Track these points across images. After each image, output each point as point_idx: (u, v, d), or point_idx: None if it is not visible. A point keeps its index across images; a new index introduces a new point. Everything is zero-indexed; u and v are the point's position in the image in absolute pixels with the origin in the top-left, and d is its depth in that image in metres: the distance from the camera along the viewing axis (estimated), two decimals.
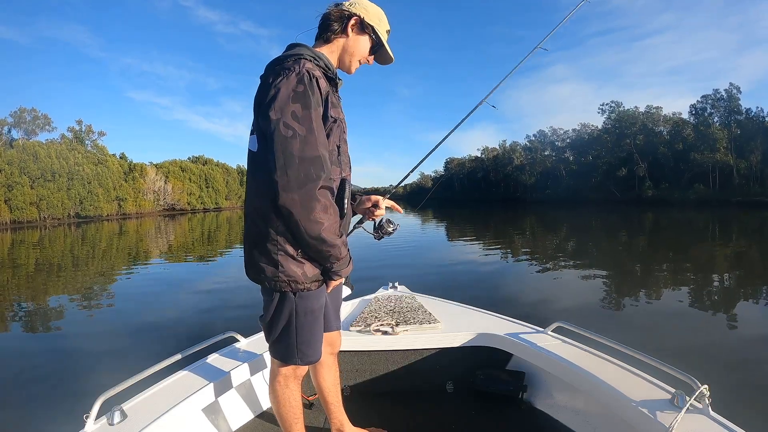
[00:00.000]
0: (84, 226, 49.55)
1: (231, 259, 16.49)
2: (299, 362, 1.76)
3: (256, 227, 1.65)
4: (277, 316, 1.71)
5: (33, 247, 25.07)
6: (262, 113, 1.54)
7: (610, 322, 6.79)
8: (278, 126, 1.49)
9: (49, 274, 14.38)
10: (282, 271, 1.62)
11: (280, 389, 1.85)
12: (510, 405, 2.53)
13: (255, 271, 1.68)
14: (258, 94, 1.62)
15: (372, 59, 1.91)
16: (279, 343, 1.76)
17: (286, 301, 1.68)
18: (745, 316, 6.95)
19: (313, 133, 1.53)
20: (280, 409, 1.89)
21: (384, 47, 1.87)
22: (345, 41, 1.81)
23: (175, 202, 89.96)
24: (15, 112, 67.58)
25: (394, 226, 2.01)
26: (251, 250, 1.68)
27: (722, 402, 1.92)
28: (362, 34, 1.82)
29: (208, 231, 34.25)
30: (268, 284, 1.66)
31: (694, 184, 66.10)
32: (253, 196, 1.66)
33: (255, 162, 1.65)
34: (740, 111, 66.45)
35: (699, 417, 1.71)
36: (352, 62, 1.84)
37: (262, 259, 1.64)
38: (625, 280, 10.32)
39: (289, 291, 1.66)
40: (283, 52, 1.69)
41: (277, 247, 1.61)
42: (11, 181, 58.36)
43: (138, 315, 8.11)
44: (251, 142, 1.66)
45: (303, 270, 1.64)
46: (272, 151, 1.49)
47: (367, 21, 1.80)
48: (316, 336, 1.78)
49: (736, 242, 18.48)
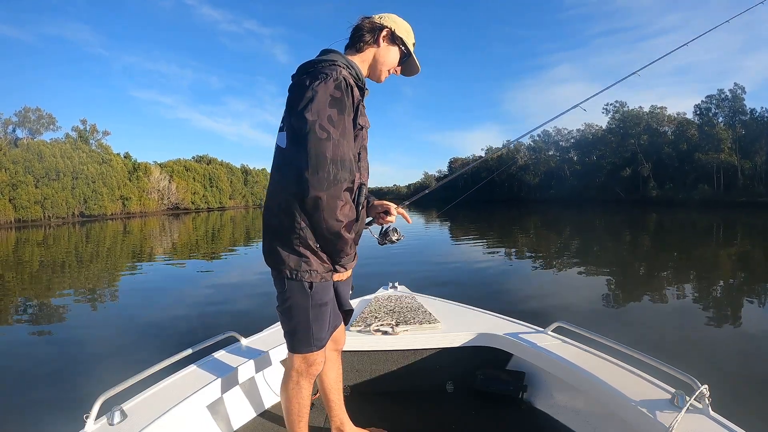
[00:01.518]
0: (88, 225, 49.72)
1: (234, 259, 16.53)
2: (314, 348, 1.83)
3: (279, 219, 1.73)
4: (295, 305, 1.79)
5: (37, 246, 25.16)
6: (298, 113, 1.61)
7: (611, 321, 6.77)
8: (314, 127, 1.57)
9: (53, 272, 14.42)
10: (305, 261, 1.72)
11: (291, 385, 1.90)
12: (510, 405, 2.53)
13: (276, 260, 1.76)
14: (292, 94, 1.69)
15: (399, 70, 2.00)
16: (296, 331, 1.83)
17: (303, 291, 1.76)
18: (747, 316, 6.92)
19: (345, 138, 1.62)
20: (288, 404, 1.93)
21: (412, 58, 1.98)
22: (376, 51, 1.91)
23: (179, 201, 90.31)
24: (20, 112, 67.91)
25: (398, 236, 2.05)
26: (273, 240, 1.77)
27: (722, 402, 1.91)
28: (393, 45, 1.92)
29: (212, 230, 34.32)
30: (288, 273, 1.74)
31: (699, 185, 65.92)
32: (279, 190, 1.74)
33: (283, 157, 1.72)
34: (745, 111, 66.28)
35: (699, 417, 1.71)
36: (382, 71, 1.94)
37: (284, 250, 1.73)
38: (627, 281, 10.29)
39: (306, 281, 1.74)
40: (317, 56, 1.79)
41: (300, 240, 1.70)
42: (16, 180, 58.65)
43: (139, 314, 8.13)
44: (280, 138, 1.74)
45: (321, 262, 1.75)
46: (305, 150, 1.57)
47: (398, 33, 1.90)
48: (327, 324, 1.86)
49: (740, 243, 18.39)
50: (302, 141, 1.58)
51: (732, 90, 66.71)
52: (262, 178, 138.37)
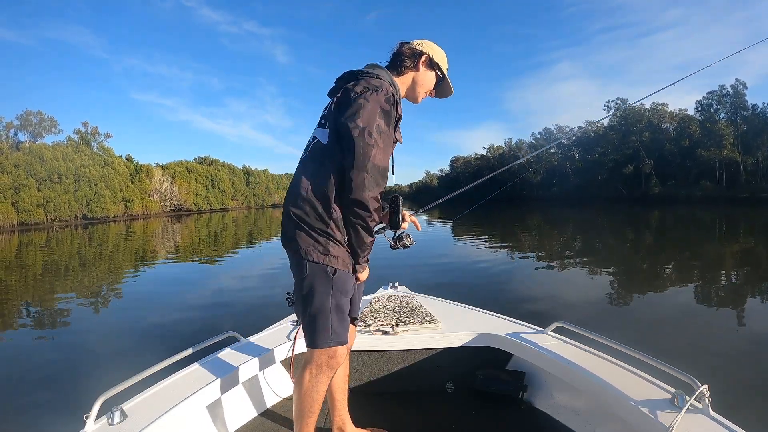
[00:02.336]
0: (91, 227, 49.86)
1: (234, 259, 16.56)
2: (332, 342, 1.84)
3: (311, 205, 1.80)
4: (315, 291, 1.81)
5: (40, 249, 25.24)
6: (349, 117, 1.72)
7: (612, 320, 6.75)
8: (363, 134, 1.69)
9: (56, 275, 14.47)
10: (330, 248, 1.79)
11: (308, 377, 1.88)
12: (510, 405, 2.53)
13: (300, 243, 1.81)
14: (344, 97, 1.80)
15: (434, 92, 2.14)
16: (315, 323, 1.83)
17: (326, 276, 1.80)
18: (748, 315, 6.88)
19: (387, 148, 1.78)
20: (301, 399, 1.90)
21: (446, 81, 2.11)
22: (415, 75, 2.04)
23: (181, 202, 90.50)
24: (21, 115, 68.13)
25: (411, 241, 2.13)
26: (299, 224, 1.82)
27: (722, 402, 1.90)
28: (430, 70, 2.06)
29: (214, 231, 34.38)
30: (312, 260, 1.79)
31: (701, 181, 65.73)
32: (314, 180, 1.82)
33: (323, 152, 1.82)
34: (746, 107, 65.98)
35: (699, 417, 1.70)
36: (419, 94, 2.08)
37: (310, 234, 1.80)
38: (628, 279, 10.26)
39: (331, 266, 1.80)
40: (366, 68, 1.93)
41: (329, 228, 1.79)
42: (18, 184, 58.81)
43: (140, 315, 8.14)
44: (320, 134, 1.86)
45: (344, 254, 1.83)
46: (352, 152, 1.69)
47: (435, 60, 2.04)
48: (346, 319, 1.89)
49: (742, 240, 18.34)
50: (349, 143, 1.70)
51: (733, 86, 66.41)
52: (264, 178, 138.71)
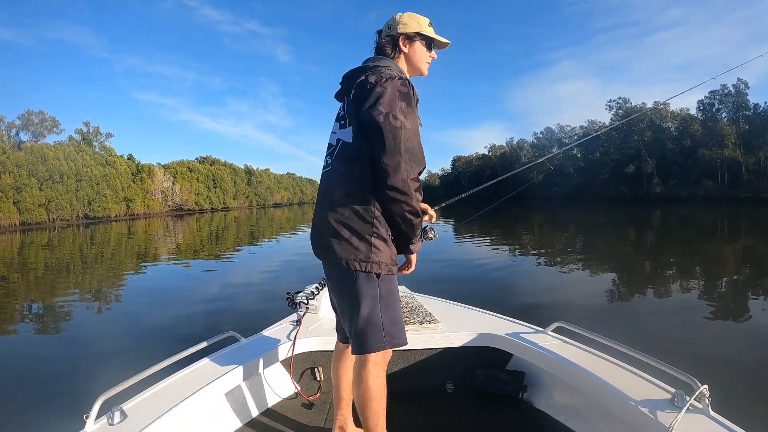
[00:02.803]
0: (93, 227, 49.88)
1: (235, 259, 16.58)
2: (387, 346, 1.81)
3: (350, 211, 1.78)
4: (362, 300, 1.79)
5: (42, 249, 25.27)
6: (370, 108, 1.71)
7: (612, 320, 6.73)
8: (388, 118, 1.68)
9: (58, 274, 14.50)
10: (375, 252, 1.77)
11: (372, 379, 1.84)
12: (510, 405, 2.53)
13: (343, 252, 1.78)
14: (360, 92, 1.78)
15: (434, 53, 2.07)
16: (366, 330, 1.80)
17: (371, 284, 1.78)
18: (749, 315, 6.89)
19: (415, 127, 1.75)
20: (372, 401, 1.84)
21: (436, 39, 2.03)
22: (405, 57, 2.00)
23: (183, 202, 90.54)
24: (23, 115, 68.11)
25: (434, 234, 2.12)
26: (339, 231, 1.79)
27: (722, 402, 1.89)
28: (413, 43, 1.99)
29: (216, 231, 34.40)
30: (358, 265, 1.76)
31: (703, 181, 65.57)
32: (344, 183, 1.81)
33: (353, 151, 1.81)
34: (748, 106, 65.82)
35: (699, 417, 1.70)
36: (421, 68, 2.05)
37: (354, 240, 1.77)
38: (630, 279, 10.26)
39: (374, 273, 1.77)
40: (370, 63, 1.92)
41: (373, 229, 1.77)
42: (20, 183, 58.82)
43: (140, 315, 8.16)
44: (344, 134, 1.86)
45: (390, 253, 1.82)
46: (381, 139, 1.67)
47: (410, 32, 1.97)
48: (399, 317, 1.87)
49: (744, 239, 18.31)
50: (376, 131, 1.69)
51: (735, 85, 66.20)
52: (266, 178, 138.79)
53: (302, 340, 2.77)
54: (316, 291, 3.19)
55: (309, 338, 2.81)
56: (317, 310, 3.16)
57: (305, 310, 3.09)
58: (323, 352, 2.85)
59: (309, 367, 2.87)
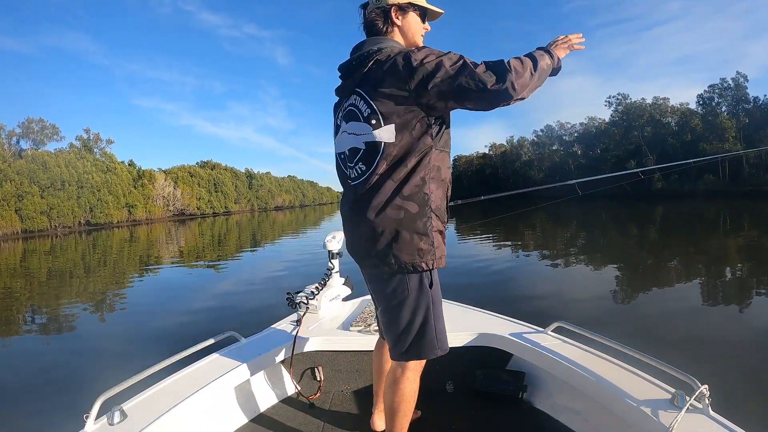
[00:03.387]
0: (95, 233, 49.99)
1: (236, 261, 16.60)
2: (439, 352, 1.79)
3: (401, 211, 1.67)
4: (417, 305, 1.74)
5: (44, 256, 25.33)
6: (427, 75, 1.57)
7: (612, 320, 6.72)
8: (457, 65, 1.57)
9: (60, 280, 14.53)
10: (432, 245, 1.70)
11: (409, 385, 1.86)
12: (510, 405, 2.52)
13: (398, 255, 1.69)
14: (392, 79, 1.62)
15: (427, 24, 1.92)
16: (421, 338, 1.77)
17: (425, 285, 1.73)
18: (750, 314, 6.83)
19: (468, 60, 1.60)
20: (404, 404, 1.87)
21: (429, 9, 1.89)
22: (398, 30, 1.84)
23: (184, 207, 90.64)
24: (23, 123, 68.33)
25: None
26: (395, 237, 1.68)
27: (722, 402, 1.88)
28: (406, 14, 1.83)
29: (218, 235, 34.45)
30: (416, 266, 1.69)
31: (704, 175, 65.53)
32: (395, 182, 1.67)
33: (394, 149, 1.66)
34: (748, 100, 65.89)
35: (699, 417, 1.69)
36: (417, 41, 1.87)
37: (414, 240, 1.68)
38: (630, 278, 10.22)
39: (428, 270, 1.72)
40: (369, 45, 1.76)
41: (431, 224, 1.69)
42: (21, 191, 58.98)
43: (141, 316, 8.21)
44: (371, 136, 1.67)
45: (434, 255, 1.72)
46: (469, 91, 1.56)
47: (403, 2, 1.81)
48: (443, 321, 1.82)
49: (746, 234, 18.27)
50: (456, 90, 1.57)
51: (734, 78, 66.32)
52: (267, 181, 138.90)
53: (302, 340, 2.77)
54: (316, 291, 3.19)
55: (309, 338, 2.81)
56: (317, 310, 3.17)
57: (305, 310, 3.09)
58: (323, 352, 2.85)
59: (309, 367, 2.87)
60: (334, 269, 3.35)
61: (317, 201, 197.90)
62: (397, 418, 1.88)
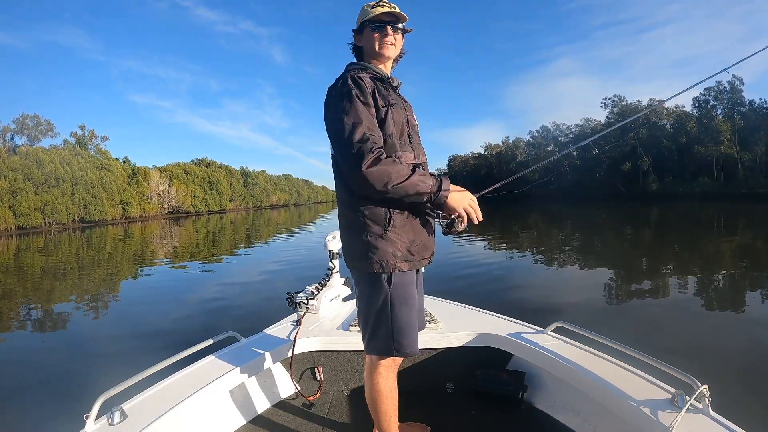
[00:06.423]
0: (89, 230, 49.70)
1: (234, 260, 16.54)
2: (396, 354, 1.85)
3: (345, 218, 1.87)
4: (371, 302, 1.83)
5: (38, 253, 25.15)
6: (326, 120, 1.81)
7: (612, 320, 6.74)
8: (334, 122, 1.75)
9: (55, 278, 14.43)
10: (373, 251, 1.77)
11: (381, 381, 1.90)
12: (510, 405, 2.53)
13: (351, 257, 1.87)
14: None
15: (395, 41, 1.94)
16: (375, 335, 1.85)
17: (380, 286, 1.80)
18: (748, 314, 6.87)
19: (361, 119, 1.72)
20: (382, 401, 1.92)
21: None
22: (363, 49, 1.99)
23: (179, 204, 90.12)
24: (18, 119, 67.86)
25: (463, 227, 2.05)
26: (344, 239, 1.91)
27: (722, 402, 1.90)
28: (361, 35, 1.97)
29: (212, 233, 34.33)
30: (361, 267, 1.81)
31: (699, 177, 65.85)
32: (341, 192, 1.87)
33: (335, 163, 1.87)
34: (743, 103, 66.20)
35: (699, 417, 1.70)
36: (377, 51, 1.93)
37: (354, 243, 1.83)
38: (629, 278, 10.26)
39: (381, 273, 1.79)
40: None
41: (366, 229, 1.78)
42: (15, 188, 58.52)
43: (140, 316, 8.16)
44: None
45: (393, 249, 1.78)
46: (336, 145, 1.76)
47: (358, 26, 1.97)
48: (411, 326, 1.87)
49: (741, 235, 18.36)
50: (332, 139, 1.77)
51: (730, 82, 66.53)
52: (262, 180, 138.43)
53: (302, 340, 2.77)
54: (316, 291, 3.20)
55: (309, 338, 2.81)
56: (317, 310, 3.17)
57: (305, 310, 3.10)
58: (323, 352, 2.85)
59: (309, 367, 2.87)
60: (334, 269, 3.36)
61: (312, 200, 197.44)
62: (379, 415, 1.95)
